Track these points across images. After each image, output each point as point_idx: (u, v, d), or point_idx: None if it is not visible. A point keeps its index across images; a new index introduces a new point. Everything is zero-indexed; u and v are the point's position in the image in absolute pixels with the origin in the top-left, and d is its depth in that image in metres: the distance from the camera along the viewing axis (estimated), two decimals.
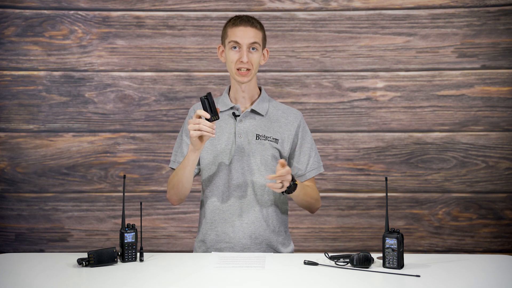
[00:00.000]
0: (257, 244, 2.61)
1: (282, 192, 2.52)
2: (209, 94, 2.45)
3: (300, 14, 3.56)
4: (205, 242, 2.65)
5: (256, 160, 2.61)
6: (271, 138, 2.62)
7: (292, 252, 2.69)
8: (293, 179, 2.51)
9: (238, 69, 2.57)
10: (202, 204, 2.69)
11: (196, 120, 2.44)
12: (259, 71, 3.53)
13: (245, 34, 2.57)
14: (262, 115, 2.65)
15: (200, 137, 2.47)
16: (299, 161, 2.65)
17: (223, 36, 2.63)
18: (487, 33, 3.54)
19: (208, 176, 2.64)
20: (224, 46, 2.62)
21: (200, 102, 2.59)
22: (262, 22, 3.46)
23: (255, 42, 2.58)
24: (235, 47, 2.58)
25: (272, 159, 2.62)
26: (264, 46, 2.63)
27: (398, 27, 3.55)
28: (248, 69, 2.57)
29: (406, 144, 3.58)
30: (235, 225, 2.61)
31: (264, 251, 2.62)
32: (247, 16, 2.61)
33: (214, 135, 2.45)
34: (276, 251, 2.64)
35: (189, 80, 3.59)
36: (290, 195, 2.54)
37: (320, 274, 2.28)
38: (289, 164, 2.67)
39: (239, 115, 2.64)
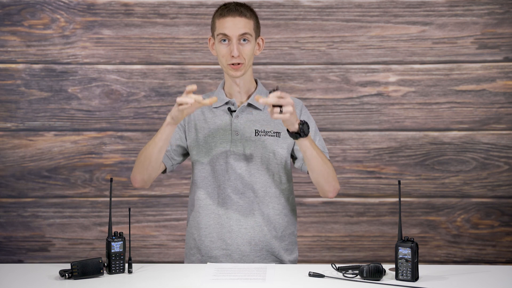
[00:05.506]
0: (256, 251, 2.62)
1: (295, 136, 2.44)
2: None
3: (305, 1, 3.56)
4: (199, 249, 2.65)
5: (256, 158, 2.61)
6: (272, 132, 2.63)
7: (295, 260, 2.69)
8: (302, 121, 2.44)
9: (229, 64, 2.57)
10: (193, 208, 2.69)
11: (188, 97, 2.43)
12: (259, 63, 3.53)
13: (233, 25, 2.56)
14: (260, 109, 2.65)
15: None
16: None
17: (212, 28, 2.63)
18: (510, 22, 3.54)
19: (202, 177, 2.65)
20: (214, 39, 2.63)
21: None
22: (262, 9, 3.45)
23: (245, 33, 2.57)
24: (224, 40, 2.58)
25: (275, 156, 2.62)
26: (257, 35, 2.63)
27: (412, 15, 3.55)
28: (240, 63, 2.57)
29: (421, 144, 3.58)
30: (233, 231, 2.61)
31: (265, 259, 2.62)
32: (235, 4, 2.60)
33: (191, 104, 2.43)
34: (278, 258, 2.64)
35: (183, 73, 3.59)
36: (304, 144, 2.44)
37: (327, 287, 2.28)
38: (293, 152, 2.66)
39: (235, 110, 2.64)
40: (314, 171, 2.54)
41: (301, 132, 2.43)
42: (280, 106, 2.37)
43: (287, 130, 2.45)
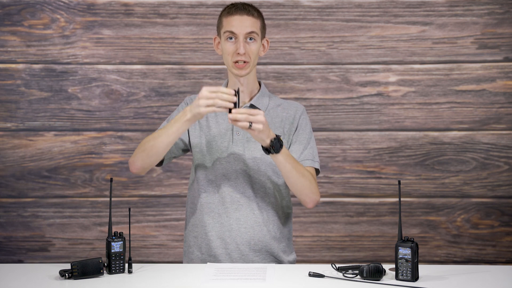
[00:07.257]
0: (256, 251, 2.62)
1: (267, 151, 2.47)
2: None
3: (305, 1, 3.56)
4: (200, 247, 2.66)
5: (256, 159, 2.62)
6: None
7: (294, 261, 2.70)
8: (277, 137, 2.47)
9: (235, 62, 2.58)
10: (193, 206, 2.69)
11: (214, 90, 2.41)
12: (259, 63, 3.53)
13: (241, 23, 2.58)
14: (262, 111, 2.66)
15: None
16: (292, 150, 2.65)
17: (218, 26, 2.65)
18: (510, 22, 3.54)
19: (203, 176, 2.65)
20: (220, 37, 2.64)
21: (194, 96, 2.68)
22: (262, 9, 3.46)
23: (252, 32, 2.59)
24: (231, 38, 2.59)
25: None
26: (263, 36, 2.64)
27: (412, 15, 3.55)
28: (245, 62, 2.58)
29: (421, 144, 3.58)
30: (233, 230, 2.62)
31: (264, 259, 2.63)
32: (243, 4, 2.62)
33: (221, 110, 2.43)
34: (276, 259, 2.65)
35: (183, 73, 3.59)
36: (276, 159, 2.48)
37: (327, 287, 2.28)
38: None
39: None
40: (289, 184, 2.57)
41: (271, 148, 2.46)
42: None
43: (261, 145, 2.49)
